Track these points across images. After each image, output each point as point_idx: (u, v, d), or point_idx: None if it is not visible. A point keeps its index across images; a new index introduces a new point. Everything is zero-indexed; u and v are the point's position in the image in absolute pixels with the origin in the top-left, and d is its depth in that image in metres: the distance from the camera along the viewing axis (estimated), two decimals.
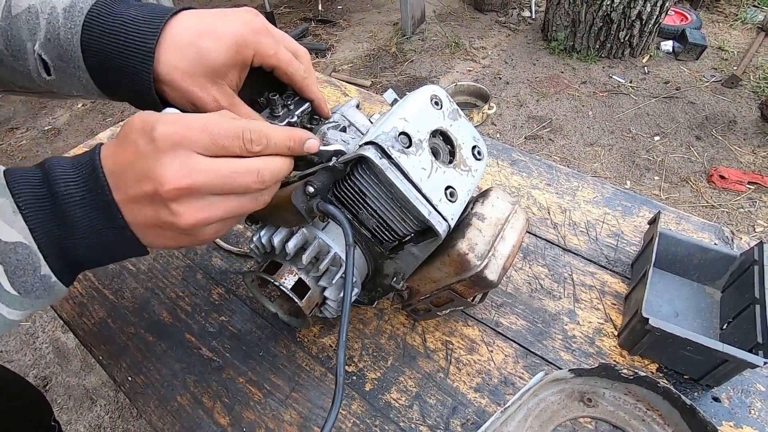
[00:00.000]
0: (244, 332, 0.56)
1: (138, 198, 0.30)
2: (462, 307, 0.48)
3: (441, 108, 0.40)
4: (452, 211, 0.38)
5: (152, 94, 0.38)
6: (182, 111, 0.36)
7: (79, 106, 2.73)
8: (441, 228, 0.37)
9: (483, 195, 0.45)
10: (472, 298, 0.45)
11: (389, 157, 0.35)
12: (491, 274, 0.40)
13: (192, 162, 0.30)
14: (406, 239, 0.41)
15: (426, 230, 0.39)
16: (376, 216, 0.40)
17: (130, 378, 0.53)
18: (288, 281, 0.42)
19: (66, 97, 0.43)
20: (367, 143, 0.36)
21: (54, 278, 0.31)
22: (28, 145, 2.48)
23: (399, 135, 0.36)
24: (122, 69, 0.37)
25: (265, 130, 0.33)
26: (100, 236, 0.31)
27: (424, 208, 0.37)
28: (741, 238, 0.61)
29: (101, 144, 0.32)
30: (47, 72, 0.39)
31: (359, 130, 0.47)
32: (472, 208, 0.43)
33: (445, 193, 0.38)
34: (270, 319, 0.57)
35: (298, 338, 0.55)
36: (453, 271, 0.41)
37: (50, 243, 0.30)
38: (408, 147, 0.36)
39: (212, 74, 0.38)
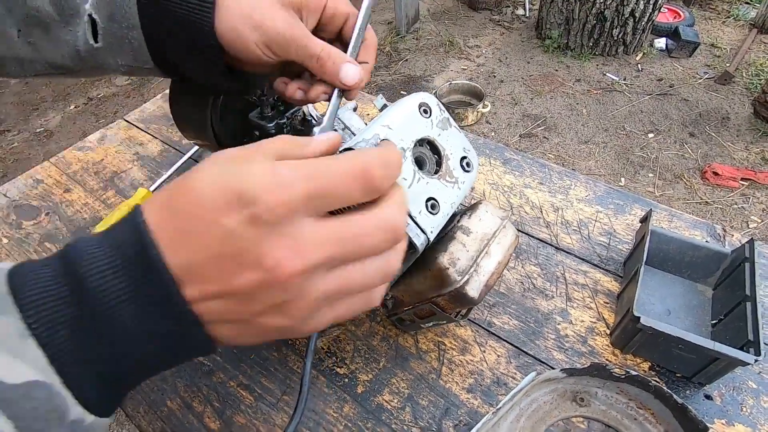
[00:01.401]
0: None
1: (230, 292, 0.22)
2: (445, 322, 0.47)
3: (430, 116, 0.39)
4: (432, 224, 0.37)
5: (213, 45, 0.34)
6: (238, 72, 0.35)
7: (71, 107, 2.71)
8: (418, 241, 0.36)
9: (471, 208, 0.43)
10: (455, 314, 0.44)
11: None
12: (472, 291, 0.39)
13: (306, 233, 0.22)
14: None
15: None
16: None
17: None
18: None
19: (105, 73, 0.39)
20: (345, 150, 0.35)
21: (90, 418, 0.22)
22: (20, 147, 2.46)
23: (380, 143, 0.35)
24: (181, 19, 0.33)
25: (388, 156, 0.24)
26: (157, 343, 0.22)
27: None
28: (732, 235, 0.61)
29: (138, 217, 0.22)
30: (95, 38, 0.35)
31: (354, 134, 0.46)
32: (458, 221, 0.41)
33: (426, 205, 0.36)
34: None
35: (290, 341, 0.54)
36: (434, 285, 0.40)
37: (81, 370, 0.21)
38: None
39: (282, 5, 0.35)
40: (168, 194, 0.22)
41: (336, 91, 0.38)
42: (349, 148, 0.34)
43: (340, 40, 0.40)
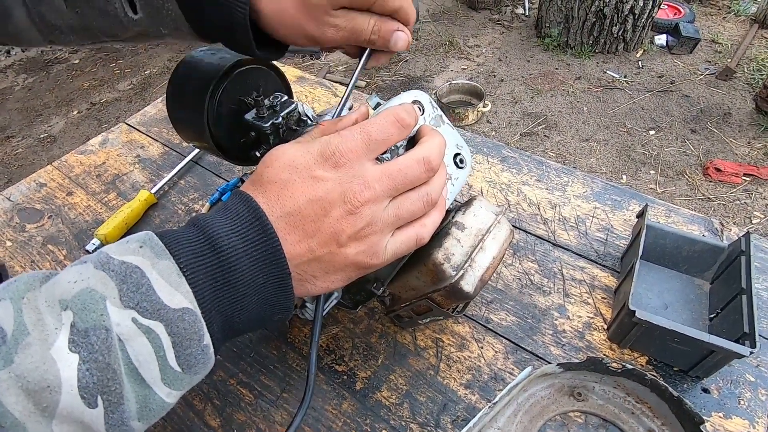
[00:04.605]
0: None
1: (322, 228, 0.29)
2: (442, 318, 0.47)
3: (423, 113, 0.39)
4: None
5: (246, 27, 0.35)
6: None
7: (74, 113, 2.73)
8: None
9: (466, 204, 0.43)
10: (451, 309, 0.44)
11: None
12: (467, 286, 0.39)
13: (369, 172, 0.30)
14: None
15: None
16: None
17: None
18: None
19: (152, 40, 0.41)
20: None
21: (212, 349, 0.28)
22: (24, 153, 2.48)
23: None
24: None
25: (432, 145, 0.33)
26: (260, 293, 0.29)
27: None
28: (731, 230, 0.61)
29: (242, 190, 0.30)
30: (133, 10, 0.37)
31: None
32: (452, 217, 0.42)
33: None
34: None
35: (289, 339, 0.55)
36: (429, 281, 0.40)
37: (213, 307, 0.27)
38: (383, 153, 0.36)
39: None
40: (257, 177, 0.31)
41: (367, 52, 0.40)
42: None
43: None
